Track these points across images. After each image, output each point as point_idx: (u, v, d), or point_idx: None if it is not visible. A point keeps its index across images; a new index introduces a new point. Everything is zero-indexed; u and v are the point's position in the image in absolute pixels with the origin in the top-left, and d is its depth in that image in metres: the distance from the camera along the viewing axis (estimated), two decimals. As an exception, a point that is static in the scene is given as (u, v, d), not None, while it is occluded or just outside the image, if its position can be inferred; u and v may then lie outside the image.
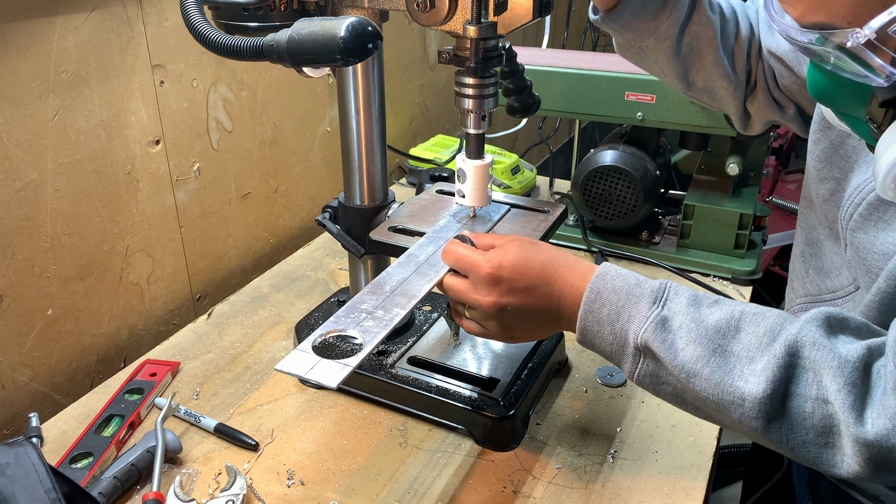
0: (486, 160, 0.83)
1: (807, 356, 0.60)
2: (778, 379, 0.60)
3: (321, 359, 0.61)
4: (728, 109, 0.95)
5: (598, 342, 0.70)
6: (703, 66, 0.90)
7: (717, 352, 0.63)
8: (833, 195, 0.80)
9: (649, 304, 0.67)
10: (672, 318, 0.66)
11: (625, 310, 0.68)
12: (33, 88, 0.89)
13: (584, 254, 1.32)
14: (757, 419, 0.61)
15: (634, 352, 0.68)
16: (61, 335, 1.00)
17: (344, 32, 0.62)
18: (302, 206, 1.42)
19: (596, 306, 0.69)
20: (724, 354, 0.63)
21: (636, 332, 0.67)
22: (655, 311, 0.67)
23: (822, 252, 0.84)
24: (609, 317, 0.69)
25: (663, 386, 0.68)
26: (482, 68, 0.76)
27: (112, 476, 0.78)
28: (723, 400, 0.62)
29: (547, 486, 0.82)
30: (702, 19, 0.87)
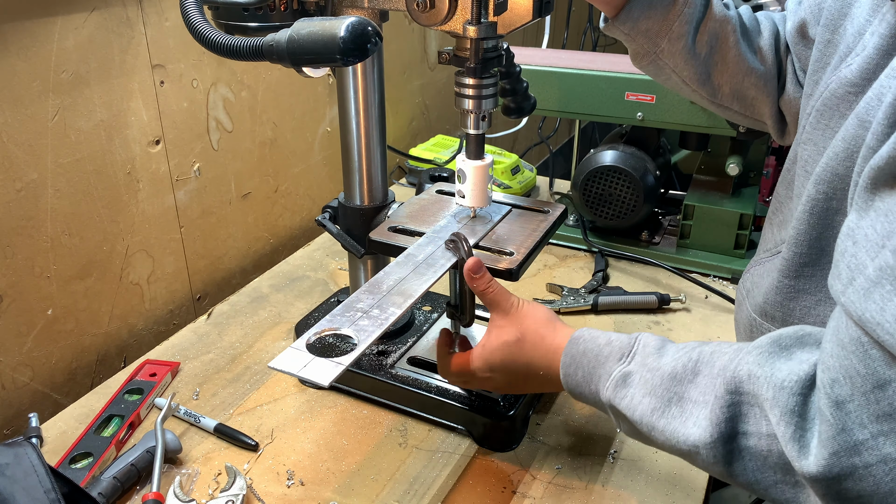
0: (486, 160, 0.84)
1: (747, 391, 0.56)
2: (722, 420, 0.56)
3: (314, 357, 0.61)
4: (762, 112, 0.89)
5: (586, 402, 0.71)
6: (727, 65, 0.85)
7: (673, 401, 0.61)
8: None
9: (616, 361, 0.67)
10: (633, 373, 0.65)
11: (594, 371, 0.68)
12: (33, 88, 0.89)
13: (584, 254, 1.32)
14: (716, 464, 0.57)
15: (609, 410, 0.67)
16: (61, 335, 1.00)
17: (344, 32, 0.62)
18: (302, 206, 1.42)
19: (571, 370, 0.70)
20: (681, 402, 0.60)
21: (604, 392, 0.66)
22: (620, 367, 0.66)
23: (783, 203, 0.81)
24: (584, 380, 0.69)
25: (644, 439, 0.66)
26: (482, 69, 0.76)
27: (112, 476, 0.78)
28: (681, 450, 0.60)
29: (547, 486, 0.82)
30: (717, 14, 0.83)
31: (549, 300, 1.16)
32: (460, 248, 0.78)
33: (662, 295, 1.14)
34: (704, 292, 1.20)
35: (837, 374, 0.50)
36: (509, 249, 0.82)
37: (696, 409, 0.59)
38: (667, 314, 1.14)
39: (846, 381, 0.49)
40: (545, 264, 1.29)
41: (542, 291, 1.20)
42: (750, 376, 0.55)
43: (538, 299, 1.16)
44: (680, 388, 0.61)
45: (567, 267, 1.28)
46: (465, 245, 0.78)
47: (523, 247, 0.82)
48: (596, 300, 1.14)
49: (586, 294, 1.17)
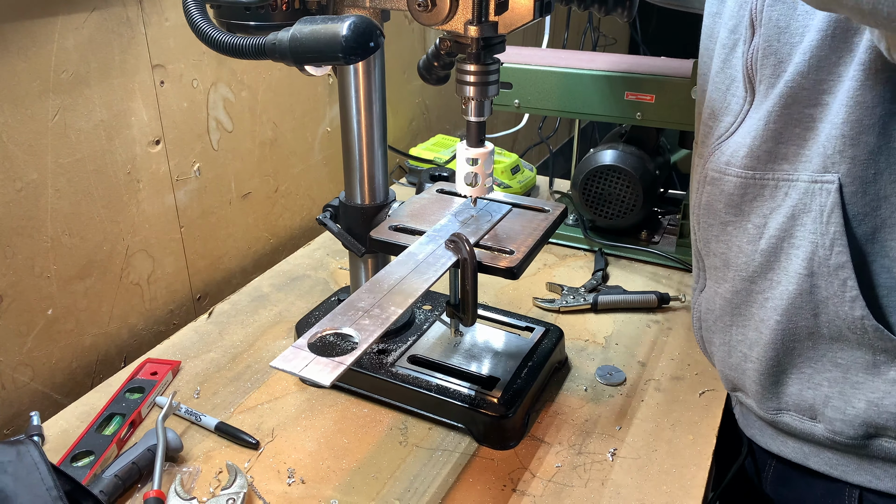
0: (489, 147, 0.83)
1: None
2: None
3: (316, 356, 0.61)
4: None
5: None
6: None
7: None
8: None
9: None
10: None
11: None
12: (33, 88, 0.89)
13: (583, 253, 1.32)
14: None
15: None
16: (62, 335, 1.00)
17: (346, 31, 0.62)
18: (302, 206, 1.43)
19: None
20: None
21: None
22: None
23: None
24: None
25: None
26: (484, 54, 0.76)
27: (113, 474, 0.78)
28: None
29: (547, 485, 0.82)
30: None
31: (549, 299, 1.16)
32: (461, 248, 0.78)
33: (662, 294, 1.15)
34: (704, 291, 1.20)
35: None
36: (509, 248, 0.82)
37: None
38: (666, 313, 1.14)
39: None
40: (545, 263, 1.29)
41: (542, 290, 1.21)
42: None
43: (538, 298, 1.16)
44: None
45: (567, 266, 1.28)
46: (466, 245, 0.78)
47: (523, 246, 0.82)
48: (596, 299, 1.14)
49: (586, 293, 1.17)
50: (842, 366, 0.76)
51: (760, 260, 0.79)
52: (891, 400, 0.73)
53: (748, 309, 0.82)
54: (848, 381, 0.75)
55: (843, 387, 0.76)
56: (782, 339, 0.78)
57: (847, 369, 0.75)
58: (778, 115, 0.74)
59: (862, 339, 0.73)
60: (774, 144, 0.76)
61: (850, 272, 0.71)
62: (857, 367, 0.75)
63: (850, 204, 0.71)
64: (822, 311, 0.74)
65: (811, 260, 0.73)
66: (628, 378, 0.99)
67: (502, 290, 1.20)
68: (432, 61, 0.85)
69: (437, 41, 0.80)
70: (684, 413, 0.93)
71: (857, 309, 0.71)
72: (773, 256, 0.77)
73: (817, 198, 0.72)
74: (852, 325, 0.72)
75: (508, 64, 1.27)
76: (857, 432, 0.76)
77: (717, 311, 0.86)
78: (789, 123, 0.74)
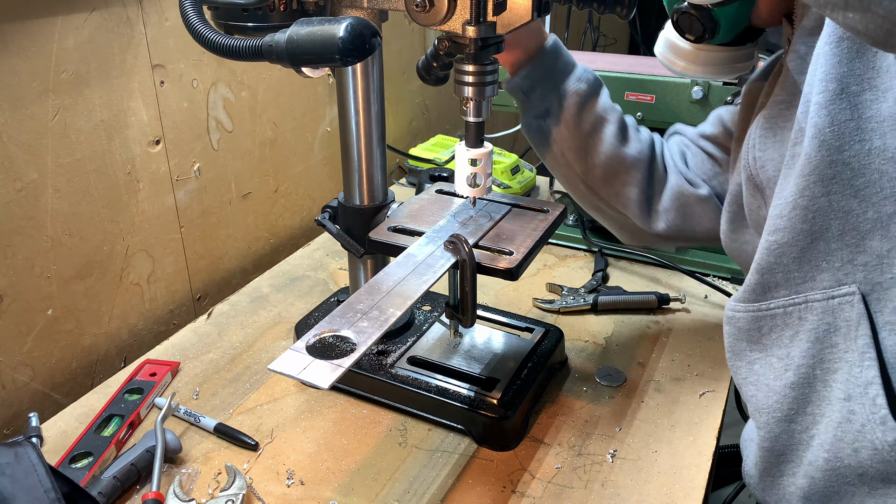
0: (489, 147, 0.83)
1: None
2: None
3: (314, 359, 0.61)
4: (628, 197, 0.96)
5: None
6: (604, 145, 0.93)
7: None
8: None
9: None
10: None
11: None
12: (33, 88, 0.89)
13: (583, 253, 1.32)
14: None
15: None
16: (61, 335, 1.00)
17: (343, 33, 0.62)
18: (302, 206, 1.43)
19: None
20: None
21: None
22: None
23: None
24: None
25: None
26: (482, 55, 0.76)
27: (112, 476, 0.78)
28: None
29: (546, 486, 0.82)
30: (603, 99, 0.94)
31: (548, 300, 1.16)
32: (460, 249, 0.78)
33: (662, 294, 1.14)
34: (704, 292, 1.20)
35: None
36: (509, 249, 0.82)
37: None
38: (666, 314, 1.14)
39: None
40: (545, 264, 1.29)
41: (542, 291, 1.20)
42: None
43: (538, 299, 1.16)
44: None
45: (567, 266, 1.28)
46: (465, 246, 0.78)
47: (523, 246, 0.82)
48: (596, 300, 1.14)
49: (586, 294, 1.17)
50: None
51: (794, 395, 0.71)
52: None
53: (794, 454, 0.73)
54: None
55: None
56: (838, 483, 0.68)
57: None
58: (759, 248, 0.72)
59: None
60: (760, 276, 0.72)
61: (878, 389, 0.64)
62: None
63: (877, 313, 0.65)
64: (862, 445, 0.66)
65: (848, 381, 0.67)
66: (628, 379, 0.99)
67: (502, 291, 1.20)
68: (431, 62, 0.85)
69: (436, 42, 0.80)
70: (684, 414, 0.93)
71: (889, 433, 0.63)
72: (809, 389, 0.70)
73: (841, 313, 0.67)
74: (891, 454, 0.64)
75: (509, 64, 1.26)
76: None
77: (760, 464, 0.76)
78: (764, 254, 0.72)
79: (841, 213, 0.66)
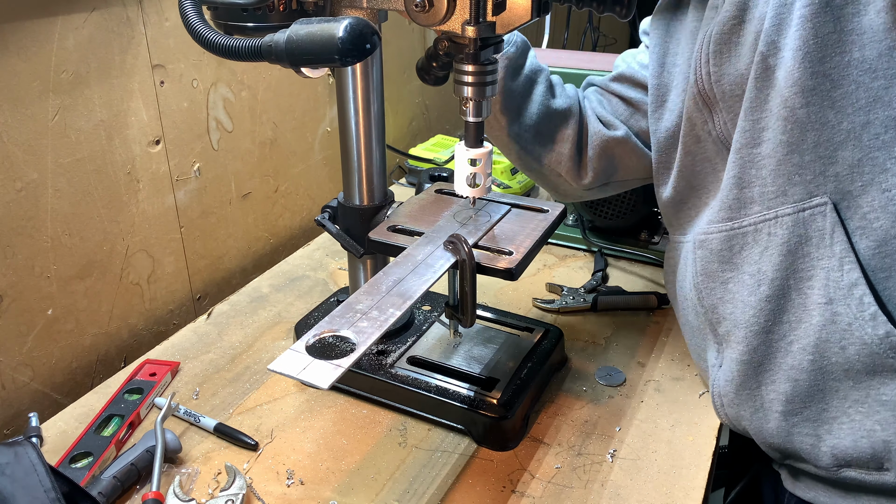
0: (488, 147, 0.83)
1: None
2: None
3: (314, 359, 0.61)
4: (562, 151, 0.98)
5: None
6: (535, 98, 0.96)
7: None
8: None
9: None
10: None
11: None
12: (33, 88, 0.89)
13: (583, 253, 1.32)
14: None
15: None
16: (61, 335, 1.00)
17: (342, 33, 0.62)
18: (302, 206, 1.43)
19: None
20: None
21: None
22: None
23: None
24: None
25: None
26: (481, 55, 0.76)
27: (112, 476, 0.78)
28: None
29: (546, 486, 0.82)
30: (532, 63, 0.97)
31: (548, 299, 1.16)
32: (460, 249, 0.78)
33: (662, 294, 1.14)
34: (704, 292, 1.20)
35: None
36: (508, 249, 0.82)
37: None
38: (666, 314, 1.14)
39: None
40: (544, 264, 1.29)
41: (542, 291, 1.20)
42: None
43: (538, 299, 1.16)
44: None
45: (566, 266, 1.28)
46: (465, 246, 0.78)
47: (522, 246, 0.82)
48: (595, 300, 1.14)
49: (586, 294, 1.17)
50: (888, 403, 0.70)
51: (769, 307, 0.75)
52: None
53: (773, 362, 0.77)
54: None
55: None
56: (824, 380, 0.73)
57: (895, 406, 0.70)
58: (732, 162, 0.75)
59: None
60: (739, 190, 0.75)
61: (864, 288, 0.68)
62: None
63: (847, 220, 0.69)
64: (849, 342, 0.70)
65: (826, 286, 0.70)
66: (628, 379, 0.99)
67: (502, 291, 1.20)
68: (430, 62, 0.85)
69: (435, 42, 0.80)
70: (684, 414, 0.93)
71: (880, 326, 0.68)
72: (783, 299, 0.74)
73: (813, 223, 0.70)
74: (881, 347, 0.68)
75: (508, 64, 1.26)
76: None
77: (737, 379, 0.80)
78: (744, 167, 0.74)
79: (818, 125, 0.68)
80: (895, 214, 0.67)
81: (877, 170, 0.67)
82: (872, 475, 0.73)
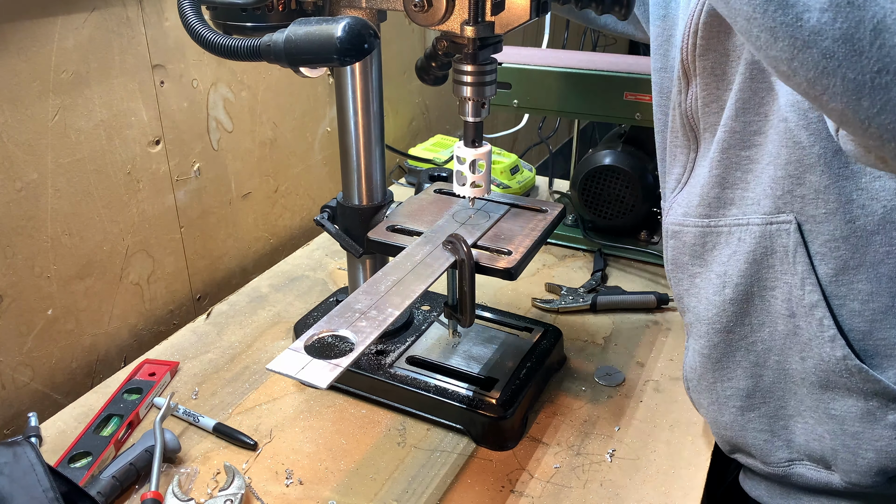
0: (487, 147, 0.83)
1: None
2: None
3: (313, 359, 0.61)
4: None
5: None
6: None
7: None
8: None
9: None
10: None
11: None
12: (33, 88, 0.89)
13: (582, 253, 1.32)
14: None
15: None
16: (61, 335, 1.00)
17: (341, 32, 0.62)
18: (302, 206, 1.43)
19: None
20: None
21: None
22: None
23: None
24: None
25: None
26: (480, 54, 0.76)
27: (111, 475, 0.78)
28: None
29: (545, 486, 0.82)
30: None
31: (547, 299, 1.16)
32: (459, 249, 0.78)
33: (661, 294, 1.14)
34: (703, 292, 1.20)
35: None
36: (507, 249, 0.82)
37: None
38: (665, 314, 1.14)
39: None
40: (544, 264, 1.29)
41: (541, 291, 1.20)
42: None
43: (537, 298, 1.16)
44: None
45: (566, 266, 1.28)
46: (464, 246, 0.78)
47: (521, 246, 0.82)
48: (595, 300, 1.14)
49: (585, 293, 1.17)
50: (836, 417, 0.71)
51: (732, 309, 0.76)
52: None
53: (731, 359, 0.78)
54: (847, 433, 0.71)
55: (844, 439, 0.71)
56: (784, 381, 0.75)
57: (843, 420, 0.71)
58: (718, 160, 0.74)
59: (850, 383, 0.69)
60: (721, 190, 0.75)
61: (824, 311, 0.68)
62: (852, 417, 0.70)
63: (810, 242, 0.69)
64: (808, 355, 0.71)
65: (789, 300, 0.71)
66: (627, 379, 0.99)
67: (501, 291, 1.20)
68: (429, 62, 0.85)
69: (434, 42, 0.80)
70: (683, 414, 0.93)
71: (838, 349, 0.68)
72: (746, 304, 0.74)
73: (778, 239, 0.70)
74: (836, 367, 0.69)
75: (507, 64, 1.27)
76: (877, 480, 0.70)
77: (698, 369, 0.82)
78: (729, 167, 0.74)
79: (792, 143, 0.68)
80: (855, 246, 0.67)
81: (843, 199, 0.67)
82: (821, 472, 0.75)
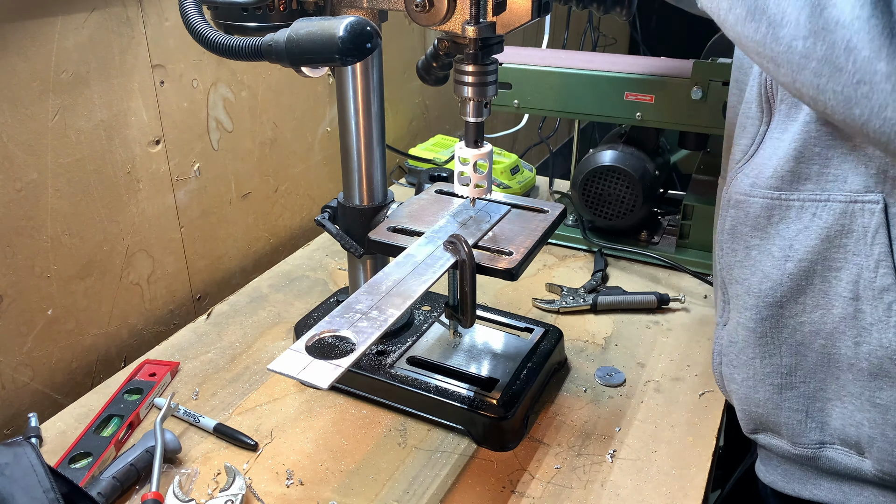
0: (488, 147, 0.83)
1: None
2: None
3: (313, 359, 0.61)
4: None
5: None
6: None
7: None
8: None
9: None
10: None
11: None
12: (33, 88, 0.89)
13: (583, 253, 1.32)
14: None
15: None
16: (61, 335, 1.00)
17: (342, 32, 0.62)
18: (302, 206, 1.43)
19: None
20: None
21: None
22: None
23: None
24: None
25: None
26: (482, 55, 0.76)
27: (111, 476, 0.78)
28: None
29: (546, 486, 0.82)
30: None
31: (548, 300, 1.16)
32: (459, 249, 0.78)
33: (662, 295, 1.14)
34: (704, 291, 1.20)
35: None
36: (508, 249, 0.82)
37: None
38: (666, 314, 1.14)
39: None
40: (544, 264, 1.29)
41: (542, 291, 1.20)
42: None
43: (537, 299, 1.16)
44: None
45: (566, 267, 1.28)
46: (465, 246, 0.78)
47: (522, 246, 0.82)
48: (595, 300, 1.14)
49: (585, 294, 1.17)
50: (881, 406, 0.70)
51: (790, 284, 0.74)
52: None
53: (777, 336, 0.76)
54: (889, 423, 0.70)
55: (885, 429, 0.70)
56: (828, 364, 0.74)
57: (886, 410, 0.70)
58: (798, 134, 0.72)
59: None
60: (796, 164, 0.73)
61: (895, 296, 0.67)
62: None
63: (893, 225, 0.67)
64: (865, 340, 0.70)
65: (856, 283, 0.69)
66: (628, 379, 0.99)
67: (501, 291, 1.20)
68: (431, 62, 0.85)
69: (436, 42, 0.80)
70: (684, 414, 0.93)
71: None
72: (806, 280, 0.73)
73: (859, 218, 0.68)
74: (894, 356, 0.68)
75: (508, 64, 1.27)
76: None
77: (739, 343, 0.80)
78: (808, 142, 0.72)
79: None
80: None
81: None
82: (853, 458, 0.74)
